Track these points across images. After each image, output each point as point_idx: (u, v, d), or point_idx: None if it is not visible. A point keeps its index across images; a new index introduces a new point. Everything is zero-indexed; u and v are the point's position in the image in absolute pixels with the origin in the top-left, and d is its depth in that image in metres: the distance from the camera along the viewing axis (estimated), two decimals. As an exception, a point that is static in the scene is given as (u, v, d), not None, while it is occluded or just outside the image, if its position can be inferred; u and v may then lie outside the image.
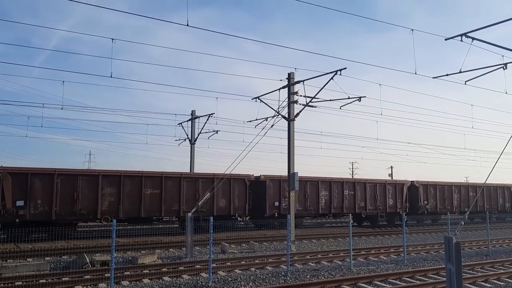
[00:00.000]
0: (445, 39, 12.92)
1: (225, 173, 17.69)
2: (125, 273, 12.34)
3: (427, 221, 34.30)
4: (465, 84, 14.80)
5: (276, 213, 25.15)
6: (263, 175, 25.56)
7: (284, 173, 19.76)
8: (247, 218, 26.19)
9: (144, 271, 12.65)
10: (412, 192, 31.72)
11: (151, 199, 21.71)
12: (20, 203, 18.49)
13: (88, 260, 13.32)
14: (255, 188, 25.20)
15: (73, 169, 21.25)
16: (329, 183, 27.41)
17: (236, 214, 24.54)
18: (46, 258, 14.82)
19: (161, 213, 22.02)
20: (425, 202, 31.96)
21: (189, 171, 28.89)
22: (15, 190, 18.49)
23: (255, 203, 24.97)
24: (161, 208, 21.88)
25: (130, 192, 21.22)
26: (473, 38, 12.30)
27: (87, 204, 20.10)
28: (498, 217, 37.15)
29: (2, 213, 18.06)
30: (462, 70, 13.71)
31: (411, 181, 31.94)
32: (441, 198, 32.88)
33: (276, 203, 25.39)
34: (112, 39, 15.04)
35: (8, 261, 14.18)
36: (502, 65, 13.43)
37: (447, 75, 14.42)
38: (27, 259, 14.63)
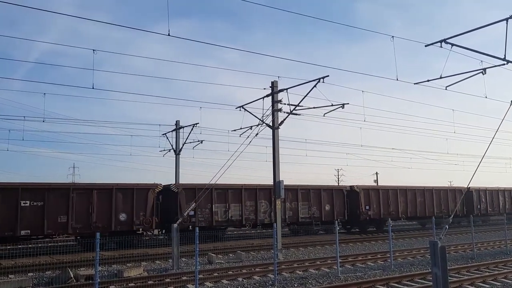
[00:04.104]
0: (425, 45, 13.10)
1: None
2: (110, 287, 12.14)
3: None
4: (446, 89, 15.00)
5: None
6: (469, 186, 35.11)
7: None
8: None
9: (130, 285, 12.44)
10: None
11: (393, 204, 31.06)
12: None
13: (72, 275, 13.05)
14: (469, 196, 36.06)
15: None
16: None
17: (445, 216, 32.41)
18: (29, 274, 14.49)
19: (399, 215, 31.21)
20: None
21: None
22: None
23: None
24: (398, 210, 31.23)
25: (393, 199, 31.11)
26: (453, 44, 12.48)
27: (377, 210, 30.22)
28: None
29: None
30: (442, 76, 13.90)
31: None
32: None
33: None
34: (94, 50, 14.91)
35: (-11, 278, 13.82)
36: (481, 70, 13.66)
37: (428, 80, 14.59)
38: (9, 276, 14.27)
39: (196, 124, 28.80)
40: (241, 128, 21.16)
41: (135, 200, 21.23)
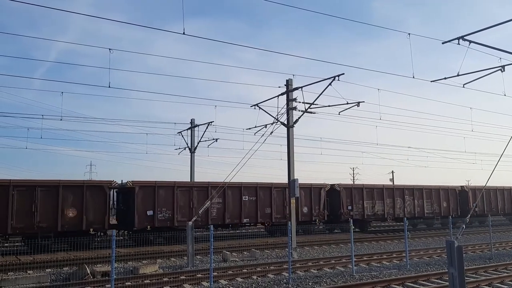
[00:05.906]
0: (442, 43, 12.92)
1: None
2: (126, 283, 12.26)
3: None
4: (463, 87, 14.78)
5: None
6: None
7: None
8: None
9: (145, 281, 12.54)
10: None
11: (494, 201, 35.55)
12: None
13: (89, 271, 13.23)
14: None
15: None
16: None
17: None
18: (47, 270, 14.74)
19: (498, 211, 35.41)
20: None
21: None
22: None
23: None
24: (498, 207, 35.50)
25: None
26: (470, 41, 12.29)
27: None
28: None
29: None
30: (460, 73, 13.71)
31: None
32: None
33: None
34: (110, 49, 15.04)
35: (8, 273, 14.10)
36: (500, 68, 13.42)
37: (445, 78, 14.39)
38: (28, 271, 14.54)
39: (211, 122, 28.93)
40: (255, 127, 21.20)
41: (312, 196, 26.32)
